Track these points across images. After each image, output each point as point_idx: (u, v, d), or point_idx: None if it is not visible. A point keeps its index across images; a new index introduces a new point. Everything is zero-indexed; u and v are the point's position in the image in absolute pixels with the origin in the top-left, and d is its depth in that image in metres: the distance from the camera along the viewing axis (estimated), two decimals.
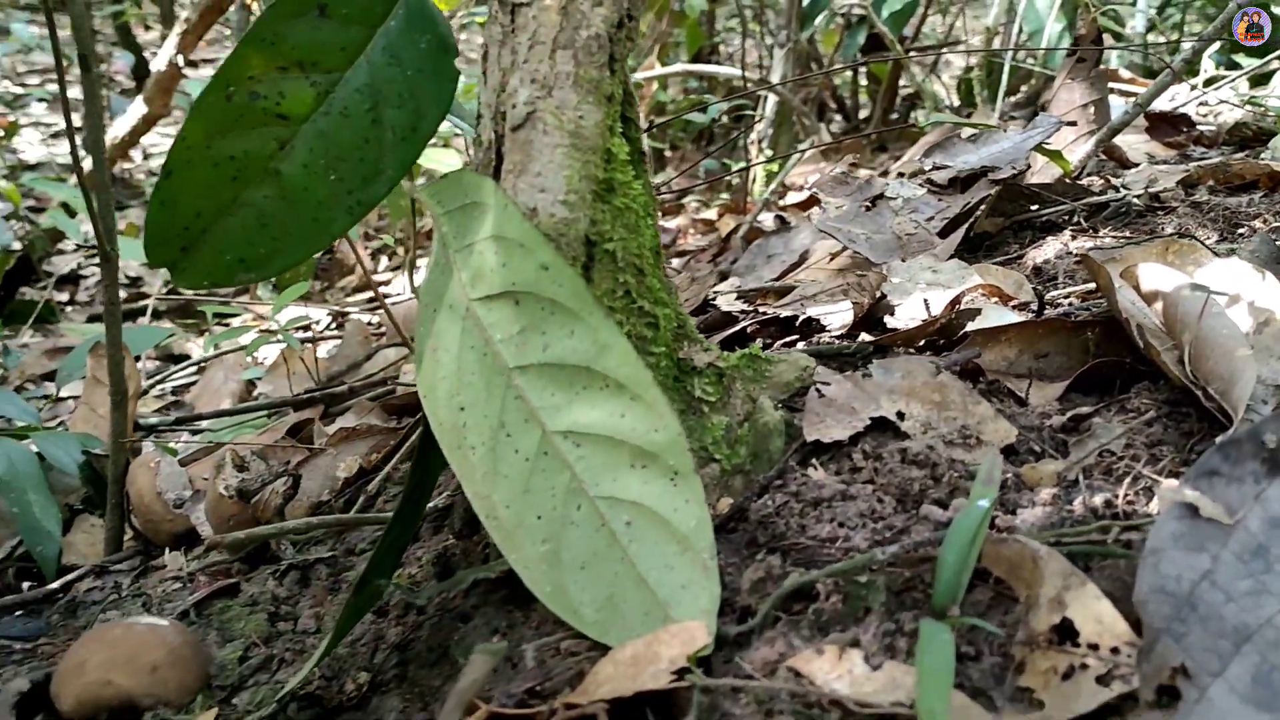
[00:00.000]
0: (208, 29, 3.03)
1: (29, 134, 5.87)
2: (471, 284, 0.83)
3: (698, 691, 0.68)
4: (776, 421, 0.88)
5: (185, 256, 0.90)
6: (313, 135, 0.88)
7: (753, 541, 0.81)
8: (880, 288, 1.17)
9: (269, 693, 0.99)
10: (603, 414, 0.78)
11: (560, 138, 0.83)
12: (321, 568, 1.19)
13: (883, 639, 0.71)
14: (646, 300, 0.87)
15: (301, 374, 1.97)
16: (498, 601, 0.96)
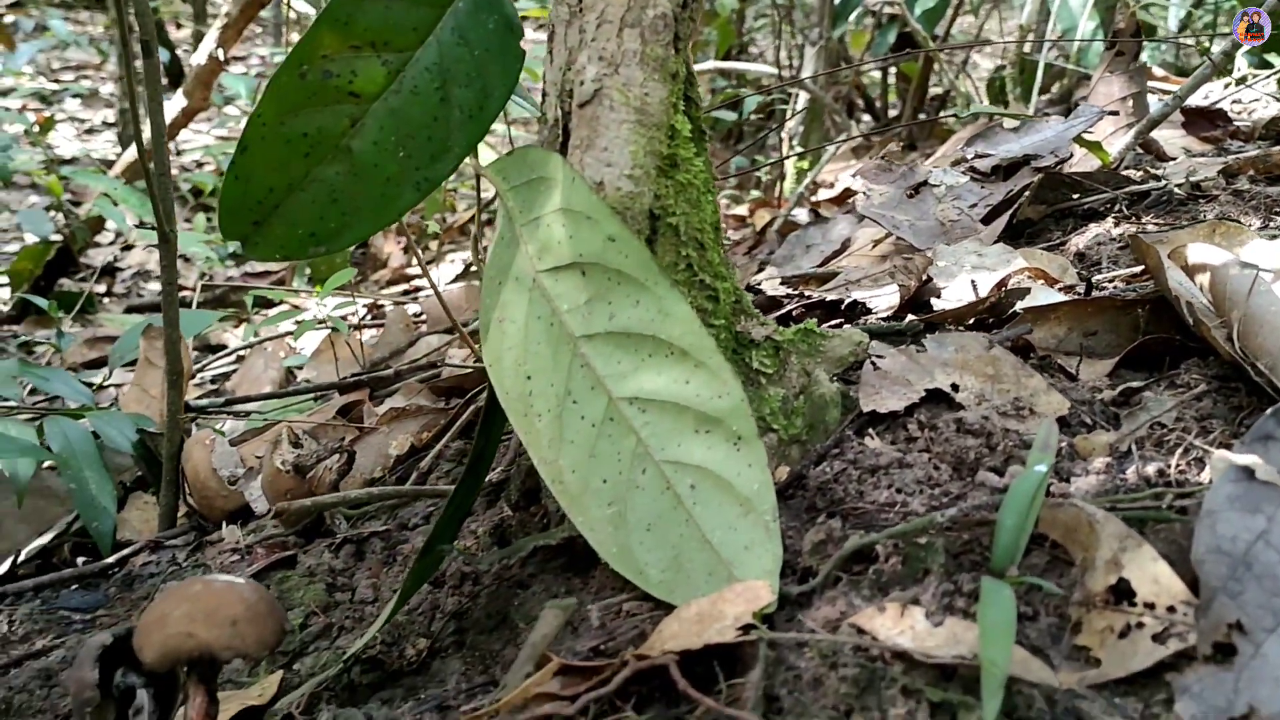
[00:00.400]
0: (248, 23, 3.07)
1: (64, 129, 5.94)
2: (538, 256, 0.86)
3: (764, 645, 0.70)
4: (833, 393, 0.91)
5: (258, 230, 0.92)
6: (383, 113, 0.90)
7: (812, 507, 0.84)
8: (926, 271, 1.19)
9: (331, 657, 1.02)
10: (667, 381, 0.81)
11: (626, 114, 0.85)
12: (376, 541, 1.22)
13: (941, 599, 0.73)
14: (707, 274, 0.89)
15: (345, 360, 2.00)
16: (556, 569, 0.98)
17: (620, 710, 0.71)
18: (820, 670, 0.69)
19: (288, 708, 0.92)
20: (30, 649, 1.26)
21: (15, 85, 6.06)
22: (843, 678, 0.68)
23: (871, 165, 1.51)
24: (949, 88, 4.87)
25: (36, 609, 1.35)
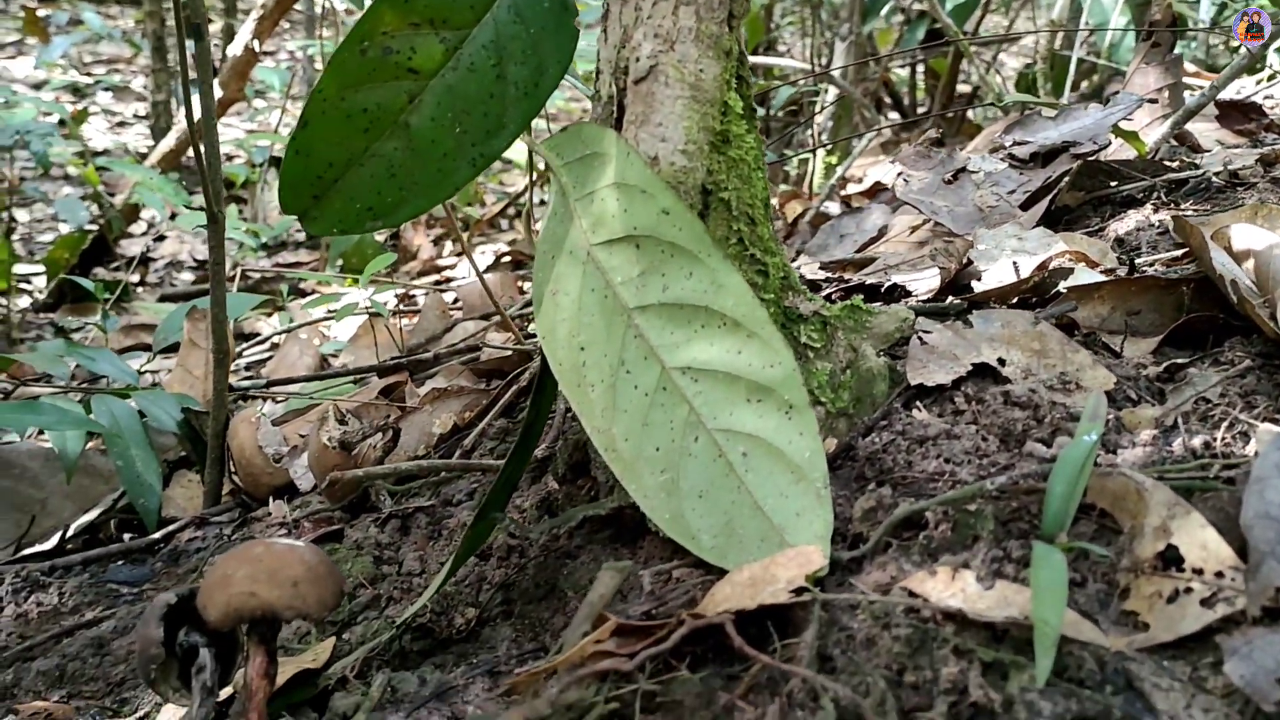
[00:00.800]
0: (284, 14, 3.09)
1: (95, 122, 5.99)
2: (592, 230, 0.87)
3: (817, 606, 0.72)
4: (880, 367, 0.92)
5: (317, 204, 0.94)
6: (441, 89, 0.92)
7: (861, 476, 0.85)
8: (967, 254, 1.21)
9: (381, 625, 1.04)
10: (720, 351, 0.82)
11: (681, 90, 0.87)
12: (420, 516, 1.24)
13: (990, 564, 0.74)
14: (758, 249, 0.91)
15: (383, 346, 2.02)
16: (604, 540, 1.00)
17: (675, 669, 0.73)
18: (873, 631, 0.70)
19: (341, 671, 0.94)
20: (80, 619, 1.28)
21: (48, 78, 6.12)
22: (895, 637, 0.69)
23: (910, 152, 1.53)
24: (977, 85, 4.87)
25: (86, 582, 1.38)
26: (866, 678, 0.67)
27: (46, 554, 1.49)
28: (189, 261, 4.18)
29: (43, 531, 1.61)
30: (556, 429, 1.23)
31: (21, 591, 1.36)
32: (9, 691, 1.19)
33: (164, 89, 4.82)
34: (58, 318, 3.39)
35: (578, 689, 0.72)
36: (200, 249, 4.29)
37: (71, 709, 1.13)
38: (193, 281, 3.92)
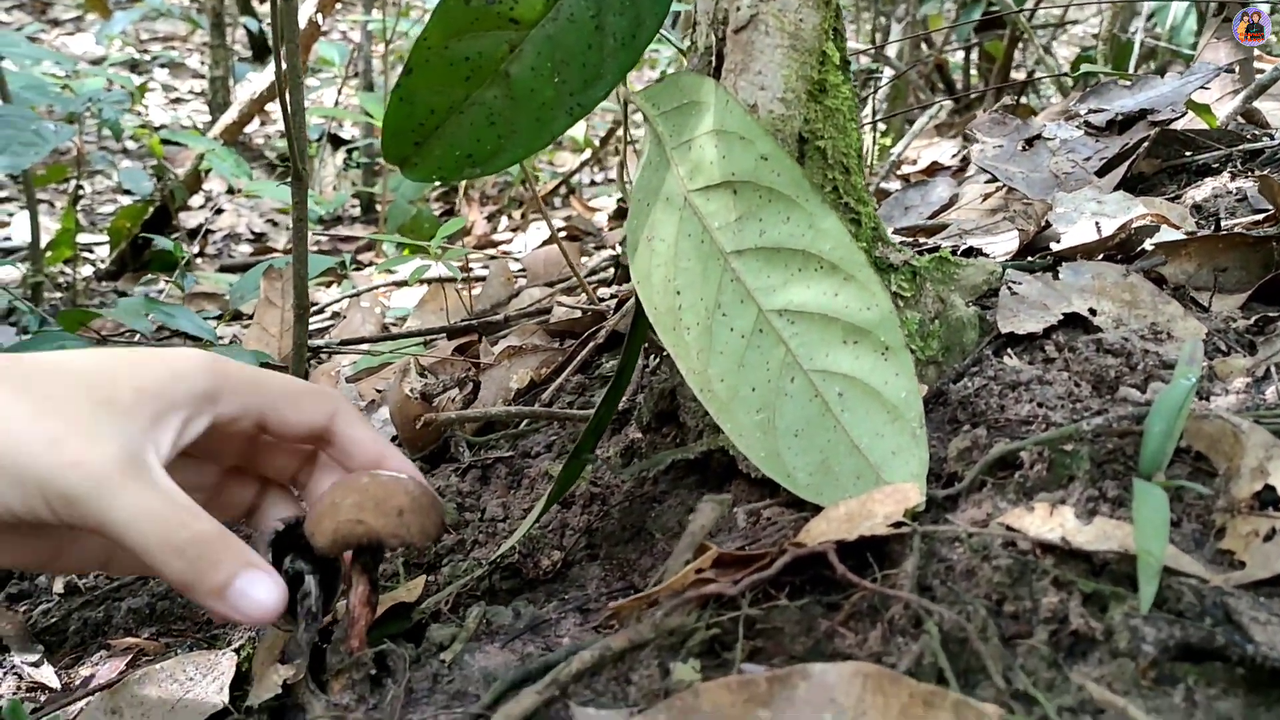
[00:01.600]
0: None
1: (152, 97, 6.08)
2: (689, 177, 0.89)
3: (917, 537, 0.73)
4: (970, 316, 0.93)
5: (418, 151, 0.97)
6: (541, 39, 0.94)
7: (954, 419, 0.87)
8: (1045, 216, 1.21)
9: (470, 566, 1.07)
10: (816, 293, 0.84)
11: (780, 39, 0.88)
12: (500, 467, 1.26)
13: (1086, 504, 0.75)
14: (851, 198, 0.92)
15: (451, 310, 2.05)
16: (691, 485, 1.02)
17: (775, 598, 0.75)
18: (972, 562, 0.72)
19: (435, 605, 0.97)
20: None
21: (107, 54, 6.20)
22: (995, 568, 0.71)
23: (985, 118, 1.53)
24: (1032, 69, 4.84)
25: None
26: (967, 606, 0.69)
27: None
28: (246, 234, 4.24)
29: None
30: (635, 383, 1.25)
31: None
32: (101, 628, 1.23)
33: (222, 65, 4.87)
34: (120, 285, 3.45)
35: (679, 614, 0.74)
36: (257, 222, 4.35)
37: (162, 645, 1.16)
38: (250, 253, 3.98)
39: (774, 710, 0.60)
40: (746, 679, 0.61)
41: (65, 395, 0.74)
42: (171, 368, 0.79)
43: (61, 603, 1.29)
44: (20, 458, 0.70)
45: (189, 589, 0.75)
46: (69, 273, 3.25)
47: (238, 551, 0.76)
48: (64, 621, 1.24)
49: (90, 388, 0.74)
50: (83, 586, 1.30)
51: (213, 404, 0.81)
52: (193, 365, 0.80)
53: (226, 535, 0.76)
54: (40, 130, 2.48)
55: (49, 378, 0.74)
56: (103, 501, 0.71)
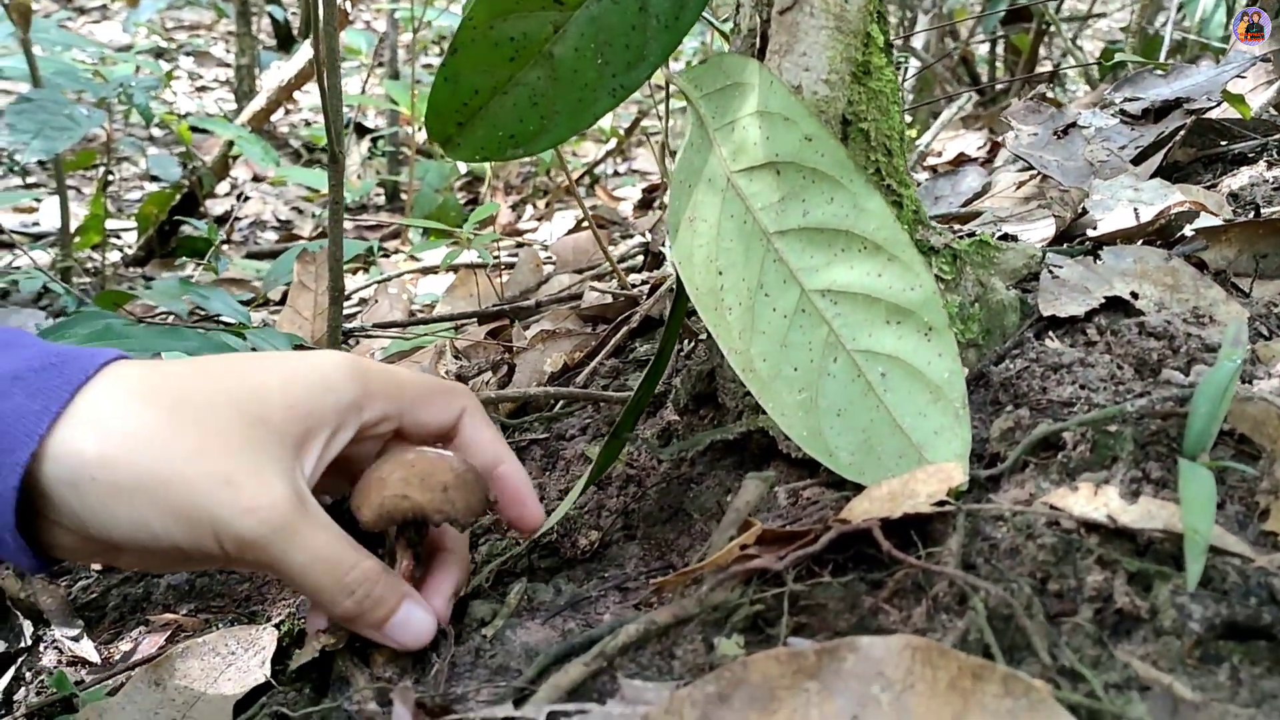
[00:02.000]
0: None
1: (177, 85, 6.10)
2: (732, 158, 0.90)
3: (961, 515, 0.74)
4: (1011, 299, 0.94)
5: (461, 131, 0.97)
6: (585, 20, 0.95)
7: (995, 400, 0.87)
8: (1082, 203, 1.22)
9: (509, 545, 1.07)
10: (860, 274, 0.84)
11: (825, 20, 0.89)
12: (535, 449, 1.27)
13: (1130, 484, 0.76)
14: (894, 180, 0.93)
15: (478, 296, 2.06)
16: (729, 466, 1.03)
17: (818, 574, 0.75)
18: (1016, 540, 0.72)
19: (475, 583, 0.98)
20: None
21: (133, 42, 6.23)
22: (1040, 546, 0.71)
23: (1020, 106, 1.53)
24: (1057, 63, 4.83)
25: None
26: (1012, 584, 0.69)
27: None
28: (272, 221, 4.26)
29: None
30: (670, 366, 1.25)
31: None
32: (140, 604, 1.24)
33: (248, 53, 4.89)
34: (148, 271, 3.47)
35: (724, 590, 0.75)
36: (282, 209, 4.36)
37: (201, 621, 1.17)
38: (276, 240, 3.99)
39: (822, 682, 0.61)
40: (795, 651, 0.62)
41: (221, 420, 0.73)
42: (321, 376, 0.79)
43: (101, 578, 1.31)
44: (193, 497, 0.70)
45: (352, 622, 0.79)
46: (97, 258, 3.27)
47: (395, 586, 0.81)
48: (103, 597, 1.26)
49: (242, 408, 0.74)
50: None
51: (359, 413, 0.82)
52: (341, 373, 0.80)
53: (386, 571, 0.80)
54: (73, 115, 2.50)
55: (200, 398, 0.74)
56: (280, 547, 0.73)
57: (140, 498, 0.70)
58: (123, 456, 0.70)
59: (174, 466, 0.70)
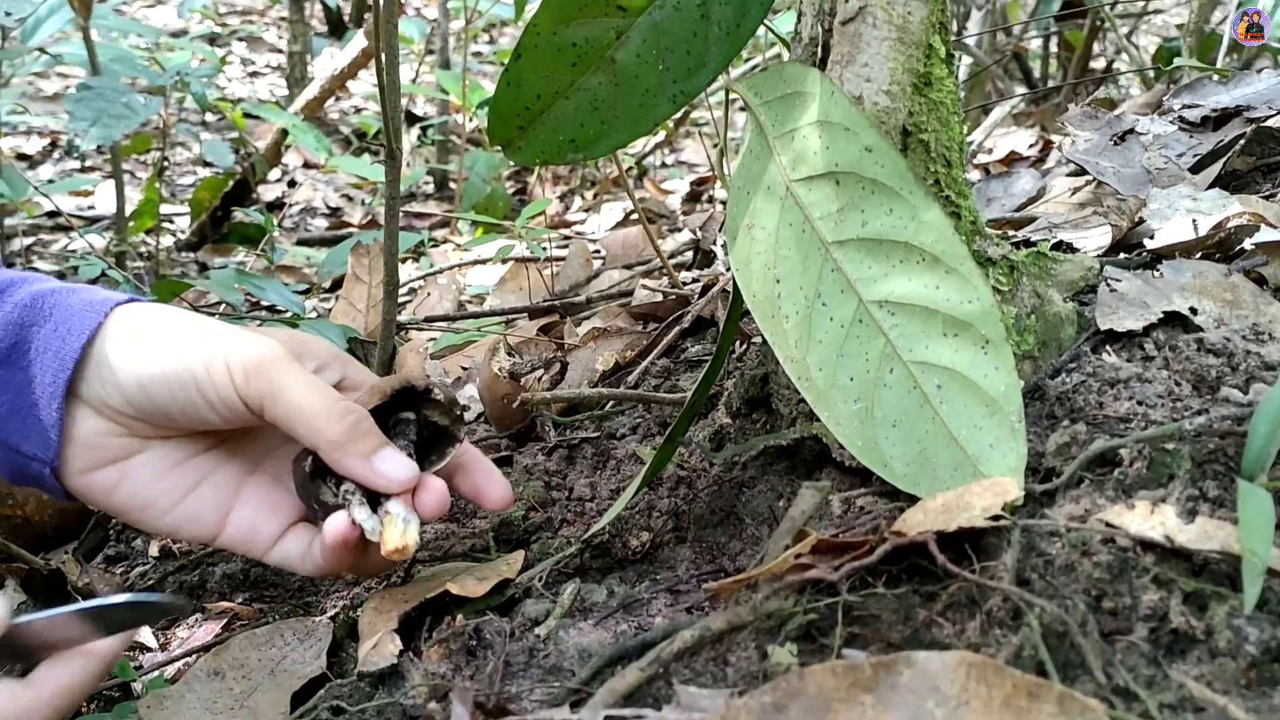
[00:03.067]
0: None
1: (229, 70, 6.16)
2: (792, 166, 0.90)
3: (1017, 530, 0.74)
4: (1068, 312, 0.94)
5: (522, 135, 0.99)
6: (647, 27, 0.95)
7: (1051, 414, 0.87)
8: (1139, 212, 1.21)
9: (561, 544, 1.09)
10: (918, 285, 0.85)
11: (888, 31, 0.89)
12: (586, 447, 1.28)
13: (1186, 503, 0.76)
14: (953, 191, 0.93)
15: (529, 290, 2.07)
16: (780, 471, 1.03)
17: (872, 586, 0.76)
18: (1072, 557, 0.72)
19: (529, 581, 0.99)
20: None
21: (186, 27, 6.30)
22: (1095, 564, 0.71)
23: (1077, 112, 1.53)
24: (1111, 59, 4.78)
25: None
26: (1066, 600, 0.70)
27: None
28: (322, 208, 4.29)
29: None
30: (723, 368, 1.26)
31: None
32: (196, 592, 1.26)
33: (300, 40, 4.93)
34: (200, 257, 3.51)
35: (778, 598, 0.76)
36: (332, 196, 4.40)
37: (255, 610, 1.20)
38: (326, 228, 4.03)
39: (878, 695, 0.62)
40: (851, 663, 0.62)
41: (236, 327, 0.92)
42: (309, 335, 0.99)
43: (157, 565, 1.33)
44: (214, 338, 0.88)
45: (341, 449, 0.87)
46: (150, 242, 3.31)
47: (378, 431, 0.90)
48: (160, 585, 1.28)
49: None
50: (177, 551, 1.34)
51: (342, 364, 0.99)
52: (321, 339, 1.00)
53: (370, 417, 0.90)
54: (130, 103, 2.54)
55: None
56: (282, 371, 0.87)
57: (171, 347, 0.87)
58: (161, 326, 0.89)
59: (202, 328, 0.89)
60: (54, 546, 1.47)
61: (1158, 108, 2.41)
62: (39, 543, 1.47)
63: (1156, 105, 2.38)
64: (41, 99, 5.17)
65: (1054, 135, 3.14)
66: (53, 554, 1.45)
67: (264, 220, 1.81)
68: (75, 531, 1.46)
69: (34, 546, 1.46)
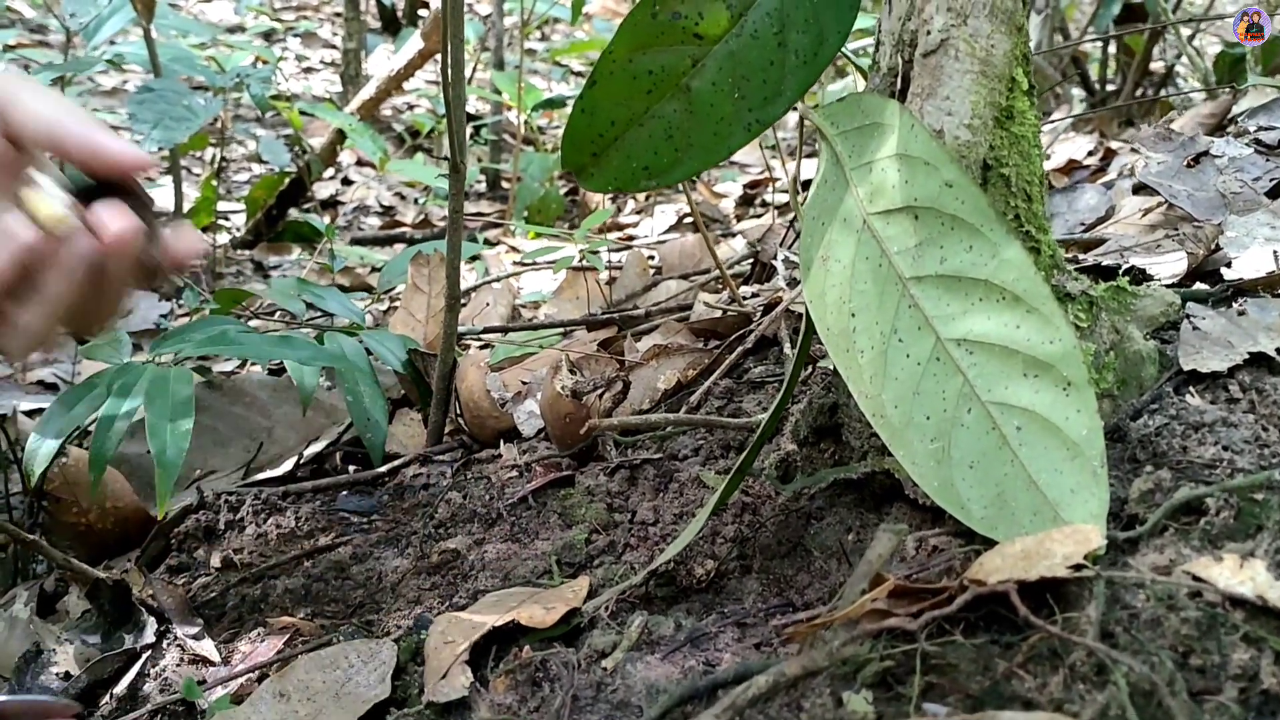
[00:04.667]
0: None
1: (284, 66, 6.19)
2: (869, 199, 0.89)
3: (1101, 583, 0.73)
4: (1149, 350, 0.92)
5: (595, 162, 0.98)
6: (723, 55, 0.95)
7: (1133, 458, 0.85)
8: (1216, 240, 1.19)
9: (621, 570, 1.08)
10: (997, 324, 0.83)
11: (971, 65, 0.88)
12: (648, 468, 1.27)
13: (1275, 555, 0.74)
14: (1032, 225, 0.91)
15: (585, 299, 2.07)
16: (849, 503, 1.02)
17: (950, 634, 0.75)
18: (1158, 611, 0.71)
19: (594, 610, 0.98)
20: (317, 544, 1.36)
21: (242, 22, 6.35)
22: (1183, 619, 0.70)
23: (1150, 133, 1.50)
24: (1171, 64, 4.70)
25: (317, 509, 1.45)
26: (1152, 657, 0.68)
27: (280, 479, 1.57)
28: (375, 207, 4.31)
29: (269, 458, 1.71)
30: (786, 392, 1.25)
31: (261, 513, 1.44)
32: (258, 605, 1.27)
33: (355, 38, 4.95)
34: (256, 255, 3.53)
35: (854, 644, 0.75)
36: (385, 195, 4.42)
37: (317, 626, 1.20)
38: (379, 226, 4.04)
39: None
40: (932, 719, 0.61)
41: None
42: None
43: (219, 577, 1.34)
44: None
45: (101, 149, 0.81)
46: (207, 240, 3.34)
47: None
48: (222, 597, 1.29)
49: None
50: (239, 563, 1.35)
51: None
52: None
53: None
54: (191, 105, 2.56)
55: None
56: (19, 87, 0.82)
57: None
58: None
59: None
60: (115, 555, 1.49)
61: (1223, 118, 2.37)
62: (100, 551, 1.48)
63: (1222, 116, 2.34)
64: (100, 94, 5.23)
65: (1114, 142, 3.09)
66: (114, 562, 1.47)
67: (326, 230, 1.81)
68: (136, 539, 1.47)
69: (95, 555, 1.48)
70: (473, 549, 1.22)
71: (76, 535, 1.47)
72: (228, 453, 1.73)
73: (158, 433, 1.32)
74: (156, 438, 1.32)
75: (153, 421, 1.33)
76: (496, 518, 1.28)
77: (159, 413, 1.34)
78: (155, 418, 1.34)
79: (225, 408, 1.75)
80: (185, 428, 1.34)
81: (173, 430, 1.34)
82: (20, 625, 1.37)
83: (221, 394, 1.75)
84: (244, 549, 1.39)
